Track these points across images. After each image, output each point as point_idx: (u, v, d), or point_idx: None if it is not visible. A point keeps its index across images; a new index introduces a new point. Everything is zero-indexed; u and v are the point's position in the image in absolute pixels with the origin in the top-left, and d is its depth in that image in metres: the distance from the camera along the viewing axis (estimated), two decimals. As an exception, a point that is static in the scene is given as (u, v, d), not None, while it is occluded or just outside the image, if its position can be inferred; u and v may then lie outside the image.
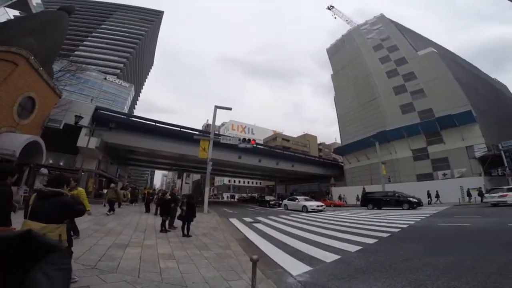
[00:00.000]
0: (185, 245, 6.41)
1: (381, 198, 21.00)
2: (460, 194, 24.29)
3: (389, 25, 45.06)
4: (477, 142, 26.99)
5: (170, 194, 9.59)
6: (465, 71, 41.00)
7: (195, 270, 4.27)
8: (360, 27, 51.32)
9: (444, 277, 3.55)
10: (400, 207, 19.12)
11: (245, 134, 78.19)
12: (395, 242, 6.67)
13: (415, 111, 33.70)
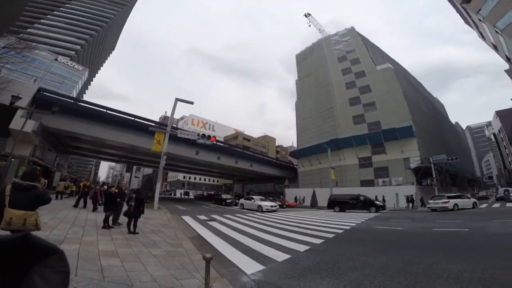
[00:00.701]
0: (131, 242, 5.94)
1: (348, 201, 21.61)
2: (395, 200, 27.14)
3: (357, 39, 47.25)
4: (413, 155, 30.45)
5: (117, 187, 8.83)
6: (413, 88, 46.01)
7: (142, 269, 3.97)
8: (330, 37, 53.16)
9: (380, 277, 3.86)
10: (367, 210, 19.94)
11: (205, 130, 76.38)
12: (339, 242, 7.14)
13: (365, 123, 36.52)
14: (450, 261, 4.39)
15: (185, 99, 17.73)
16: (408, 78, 48.87)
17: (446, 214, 15.60)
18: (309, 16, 64.78)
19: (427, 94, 58.04)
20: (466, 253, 5.08)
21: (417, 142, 30.75)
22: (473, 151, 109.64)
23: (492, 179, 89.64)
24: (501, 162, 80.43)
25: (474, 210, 17.86)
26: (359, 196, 21.46)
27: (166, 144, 16.76)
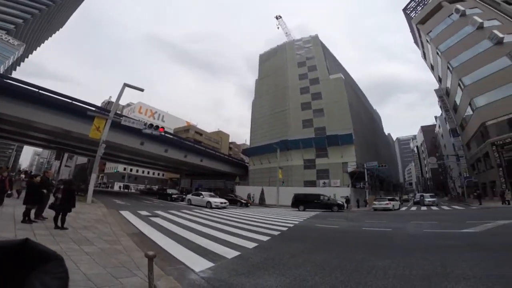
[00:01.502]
0: (58, 238, 5.25)
1: (312, 200, 22.34)
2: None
3: (317, 47, 49.24)
4: (351, 160, 33.58)
5: (41, 177, 7.69)
6: (358, 99, 50.45)
7: (73, 267, 3.54)
8: (294, 42, 54.50)
9: (320, 273, 4.14)
10: (329, 209, 20.96)
11: (154, 120, 71.78)
12: (284, 240, 7.45)
13: (313, 127, 38.96)
14: (378, 259, 4.90)
15: (134, 86, 16.36)
16: (355, 89, 53.52)
17: (374, 215, 17.60)
18: (280, 19, 65.91)
19: (368, 105, 64.58)
20: (390, 251, 5.75)
21: (355, 149, 33.95)
22: (399, 160, 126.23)
23: (411, 185, 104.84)
24: (420, 171, 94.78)
25: (396, 212, 20.60)
26: (320, 196, 22.70)
27: (107, 131, 15.25)
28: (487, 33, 28.44)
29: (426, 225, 10.35)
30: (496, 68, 26.64)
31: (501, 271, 3.53)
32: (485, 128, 27.01)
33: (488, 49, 28.05)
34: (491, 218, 11.27)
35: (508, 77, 25.15)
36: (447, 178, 52.67)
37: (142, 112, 75.44)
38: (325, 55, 47.66)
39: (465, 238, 6.92)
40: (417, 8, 40.53)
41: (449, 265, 4.11)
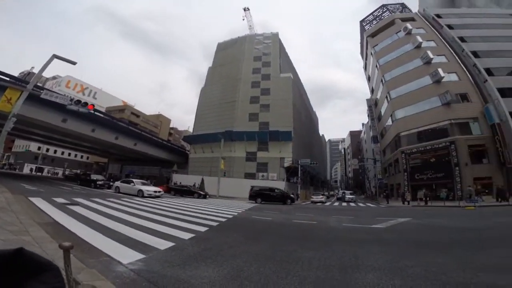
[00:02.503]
0: None
1: (269, 193, 23.35)
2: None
3: (276, 44, 50.23)
4: (287, 156, 35.80)
5: None
6: (301, 99, 53.50)
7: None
8: (255, 36, 54.93)
9: (256, 263, 4.33)
10: (283, 202, 22.38)
11: (84, 97, 62.88)
12: (222, 230, 7.52)
13: (258, 121, 40.23)
14: (305, 250, 5.35)
15: (66, 58, 13.94)
16: (300, 90, 56.78)
17: (303, 208, 19.16)
18: (247, 11, 65.09)
19: (309, 106, 69.41)
20: (315, 243, 6.33)
21: (293, 146, 36.28)
22: (328, 159, 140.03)
23: (336, 183, 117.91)
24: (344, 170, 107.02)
25: (323, 206, 22.89)
26: (275, 189, 23.94)
27: (20, 104, 12.75)
28: (421, 52, 32.00)
29: (344, 219, 11.74)
30: (417, 86, 31.19)
31: (400, 264, 4.22)
32: (399, 138, 32.00)
33: (418, 67, 32.07)
34: (394, 215, 13.35)
35: (423, 96, 30.04)
36: (365, 178, 60.77)
37: (70, 87, 65.47)
38: (280, 54, 49.40)
39: (374, 233, 8.08)
40: (373, 22, 44.35)
41: (360, 257, 4.75)
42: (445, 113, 27.53)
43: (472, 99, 27.38)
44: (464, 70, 29.45)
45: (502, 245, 5.72)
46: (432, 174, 27.43)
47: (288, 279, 3.57)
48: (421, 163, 29.18)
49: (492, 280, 3.29)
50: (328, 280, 3.56)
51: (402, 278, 3.52)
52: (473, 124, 26.51)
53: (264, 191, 23.82)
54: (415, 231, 8.63)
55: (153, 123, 65.78)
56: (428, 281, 3.33)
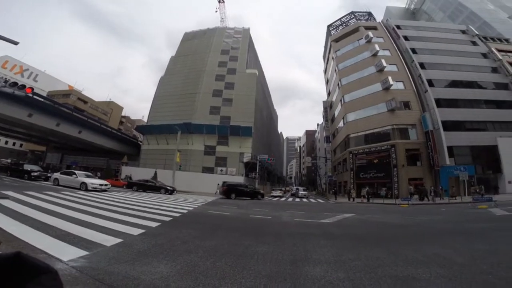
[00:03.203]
0: None
1: (243, 189, 24.33)
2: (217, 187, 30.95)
3: (245, 40, 49.91)
4: (247, 151, 36.18)
5: None
6: (264, 96, 54.18)
7: None
8: (226, 29, 53.59)
9: (211, 258, 4.36)
10: (256, 198, 23.72)
11: (23, 79, 54.50)
12: (176, 226, 7.35)
13: (219, 115, 39.72)
14: (259, 244, 5.52)
15: (6, 37, 11.84)
16: (263, 87, 57.62)
17: (260, 204, 19.60)
18: (222, 3, 63.30)
19: (270, 104, 70.91)
20: (269, 237, 6.56)
21: (252, 141, 36.73)
22: (285, 156, 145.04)
23: (291, 179, 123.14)
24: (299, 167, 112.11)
25: (278, 201, 23.72)
26: (248, 185, 25.02)
27: None
28: (376, 60, 34.24)
29: (297, 214, 12.37)
30: (369, 92, 33.71)
31: (344, 258, 4.62)
32: (349, 139, 34.61)
33: (371, 74, 34.42)
34: (340, 211, 14.51)
35: (373, 101, 32.70)
36: (317, 175, 64.50)
37: (7, 67, 56.39)
38: (249, 49, 49.54)
39: (322, 227, 8.69)
40: (339, 28, 46.04)
41: (310, 251, 5.10)
42: (389, 118, 30.57)
43: (413, 107, 30.77)
44: (410, 79, 32.67)
45: (425, 241, 6.58)
46: (374, 174, 30.35)
47: (244, 273, 3.68)
48: (366, 163, 32.04)
49: (417, 273, 3.76)
50: (280, 273, 3.75)
51: (345, 271, 3.87)
52: (411, 130, 29.96)
53: (238, 187, 24.69)
54: (357, 226, 9.51)
55: (103, 110, 60.27)
56: (367, 274, 3.71)
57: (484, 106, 29.80)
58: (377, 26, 39.43)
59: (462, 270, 3.80)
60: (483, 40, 35.91)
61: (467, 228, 8.35)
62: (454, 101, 29.70)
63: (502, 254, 4.67)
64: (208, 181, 31.30)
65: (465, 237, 6.83)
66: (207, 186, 29.60)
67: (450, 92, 30.38)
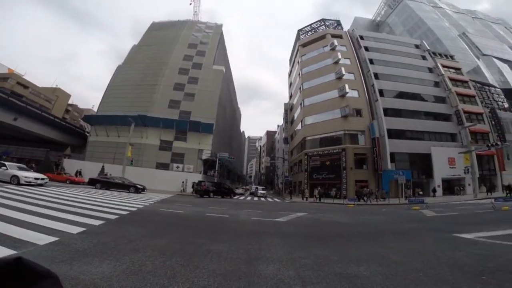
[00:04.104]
0: None
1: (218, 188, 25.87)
2: (185, 185, 30.03)
3: (216, 36, 48.66)
4: (207, 148, 35.39)
5: None
6: (228, 94, 53.69)
7: None
8: (197, 23, 51.83)
9: (161, 257, 4.16)
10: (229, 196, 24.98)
11: None
12: (122, 224, 6.87)
13: (179, 109, 38.07)
14: (214, 243, 5.45)
15: None
16: (229, 84, 57.18)
17: (217, 202, 19.38)
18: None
19: (234, 102, 70.64)
20: (225, 236, 6.53)
21: (213, 138, 36.09)
22: (246, 155, 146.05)
23: (251, 178, 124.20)
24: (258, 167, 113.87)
25: (235, 200, 23.72)
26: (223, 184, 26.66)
27: None
28: (337, 68, 36.03)
29: (254, 213, 12.52)
30: (327, 97, 35.55)
31: (295, 256, 4.76)
32: (305, 141, 36.24)
33: (331, 81, 36.18)
34: (294, 210, 15.07)
35: (330, 107, 34.61)
36: (274, 175, 66.30)
37: None
38: (218, 46, 48.58)
39: (276, 226, 8.91)
40: (308, 33, 47.18)
41: (264, 249, 5.18)
42: (342, 124, 32.80)
43: (364, 114, 33.44)
44: (364, 88, 35.32)
45: (367, 239, 7.10)
46: (326, 175, 32.29)
47: (197, 272, 3.59)
48: (319, 165, 33.91)
49: (358, 270, 4.00)
50: (235, 272, 3.75)
51: (295, 269, 4.00)
52: (360, 136, 32.58)
53: (216, 186, 26.45)
54: (309, 225, 9.99)
55: (46, 97, 53.50)
56: (315, 272, 3.88)
57: (423, 117, 33.48)
58: (342, 35, 41.59)
59: (397, 268, 4.14)
60: (432, 56, 39.61)
61: (402, 228, 9.24)
62: (399, 111, 32.89)
63: (429, 253, 5.17)
64: (162, 178, 29.88)
65: (400, 236, 7.52)
66: (161, 183, 28.22)
67: (396, 103, 33.55)
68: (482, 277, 3.60)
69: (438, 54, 41.34)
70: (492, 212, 12.75)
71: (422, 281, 3.55)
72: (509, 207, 13.16)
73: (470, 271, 3.92)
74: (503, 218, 10.47)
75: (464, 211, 13.86)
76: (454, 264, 4.29)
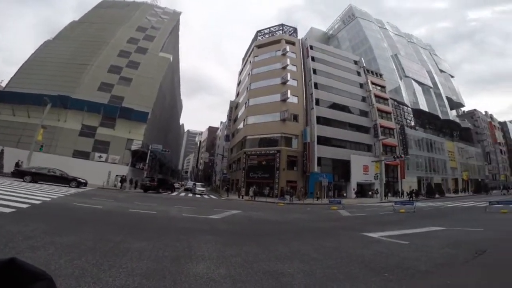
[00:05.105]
0: None
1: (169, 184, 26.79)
2: (107, 178, 26.95)
3: (171, 23, 46.32)
4: (138, 138, 32.21)
5: None
6: (171, 83, 50.52)
7: None
8: (155, 7, 48.32)
9: (66, 256, 3.66)
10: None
11: None
12: (19, 219, 5.87)
13: (110, 93, 34.19)
14: (136, 240, 5.05)
15: None
16: (174, 74, 54.07)
17: (146, 197, 18.12)
18: None
19: (177, 92, 66.85)
20: (149, 233, 6.12)
21: (146, 128, 33.28)
22: (183, 149, 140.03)
23: (187, 174, 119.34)
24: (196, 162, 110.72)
25: (166, 196, 22.51)
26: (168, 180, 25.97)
27: None
28: (284, 73, 37.31)
29: (186, 209, 12.06)
30: (270, 100, 36.55)
31: (226, 254, 4.73)
32: (245, 140, 36.84)
33: (276, 85, 37.23)
34: (229, 208, 15.10)
35: (271, 109, 35.74)
36: (213, 172, 65.51)
37: None
38: (171, 33, 46.04)
39: (210, 223, 8.81)
40: (266, 35, 47.42)
41: (194, 247, 5.02)
42: (280, 127, 34.52)
43: (300, 120, 35.78)
44: (304, 96, 37.66)
45: (292, 237, 7.45)
46: (261, 174, 33.52)
47: (113, 271, 3.28)
48: (256, 164, 34.94)
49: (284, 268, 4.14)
50: (159, 270, 3.53)
51: (226, 267, 3.98)
52: (294, 140, 34.85)
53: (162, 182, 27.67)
54: (242, 222, 10.19)
55: None
56: (245, 270, 3.92)
57: (348, 128, 37.69)
58: (295, 42, 43.18)
59: (316, 265, 4.44)
60: (366, 73, 44.17)
61: (322, 226, 10.17)
62: (329, 120, 36.28)
63: (343, 251, 5.67)
64: (81, 168, 25.39)
65: (320, 234, 8.18)
66: (80, 175, 24.03)
67: (328, 112, 36.84)
68: (385, 274, 4.00)
69: (370, 71, 46.21)
70: (392, 214, 15.17)
71: (337, 278, 3.82)
72: (405, 210, 15.94)
73: (375, 268, 4.34)
74: (399, 220, 12.34)
75: (371, 212, 16.18)
76: (362, 261, 4.76)
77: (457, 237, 7.47)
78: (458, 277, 4.10)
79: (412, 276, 3.94)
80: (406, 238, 7.09)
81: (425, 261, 4.78)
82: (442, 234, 8.07)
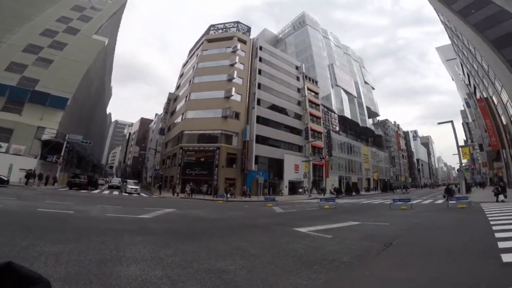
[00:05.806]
0: None
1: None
2: (7, 172, 22.24)
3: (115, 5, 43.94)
4: (51, 126, 27.50)
5: None
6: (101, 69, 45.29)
7: None
8: None
9: None
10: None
11: None
12: None
13: (21, 75, 29.04)
14: (49, 244, 4.38)
15: None
16: (107, 59, 48.72)
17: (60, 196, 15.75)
18: None
19: (107, 80, 59.31)
20: (66, 235, 5.34)
21: (63, 116, 28.80)
22: (109, 141, 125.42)
23: (112, 169, 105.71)
24: (124, 156, 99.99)
25: (86, 194, 19.85)
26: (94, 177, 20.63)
27: None
28: (231, 70, 36.73)
29: (111, 209, 10.94)
30: (214, 96, 35.72)
31: (161, 254, 4.45)
32: (182, 135, 35.35)
33: (222, 81, 36.41)
34: (162, 206, 14.22)
35: (213, 105, 35.00)
36: (143, 167, 60.61)
37: None
38: (113, 16, 41.73)
39: (140, 223, 8.17)
40: (219, 30, 45.46)
41: (123, 248, 4.58)
42: (221, 124, 34.25)
43: (241, 118, 36.14)
44: (247, 95, 38.04)
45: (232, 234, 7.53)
46: (199, 171, 32.68)
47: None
48: (194, 160, 33.85)
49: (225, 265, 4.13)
50: (84, 275, 3.15)
51: (163, 268, 3.75)
52: (235, 137, 35.07)
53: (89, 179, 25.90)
54: (177, 221, 9.75)
55: None
56: (185, 269, 3.76)
57: (283, 129, 39.97)
58: (247, 41, 43.08)
59: (256, 261, 4.54)
60: (304, 78, 47.31)
61: (258, 223, 10.40)
62: (267, 121, 37.77)
63: (278, 246, 5.86)
64: None
65: (257, 231, 8.32)
66: None
67: (268, 113, 38.34)
68: (315, 267, 4.22)
69: (308, 78, 49.82)
70: (318, 209, 16.55)
71: (275, 273, 3.97)
72: (329, 206, 17.64)
73: (306, 261, 4.55)
74: (324, 215, 13.43)
75: (300, 209, 17.42)
76: (295, 255, 5.03)
77: (370, 231, 8.41)
78: (374, 267, 4.69)
79: (337, 268, 4.32)
80: (331, 232, 7.77)
81: (346, 253, 5.31)
82: (359, 228, 9.09)
